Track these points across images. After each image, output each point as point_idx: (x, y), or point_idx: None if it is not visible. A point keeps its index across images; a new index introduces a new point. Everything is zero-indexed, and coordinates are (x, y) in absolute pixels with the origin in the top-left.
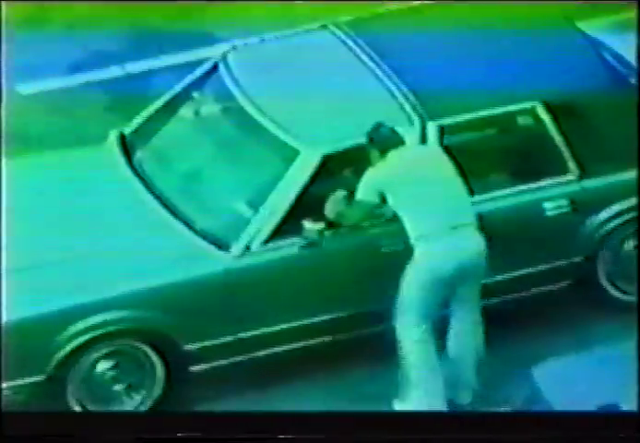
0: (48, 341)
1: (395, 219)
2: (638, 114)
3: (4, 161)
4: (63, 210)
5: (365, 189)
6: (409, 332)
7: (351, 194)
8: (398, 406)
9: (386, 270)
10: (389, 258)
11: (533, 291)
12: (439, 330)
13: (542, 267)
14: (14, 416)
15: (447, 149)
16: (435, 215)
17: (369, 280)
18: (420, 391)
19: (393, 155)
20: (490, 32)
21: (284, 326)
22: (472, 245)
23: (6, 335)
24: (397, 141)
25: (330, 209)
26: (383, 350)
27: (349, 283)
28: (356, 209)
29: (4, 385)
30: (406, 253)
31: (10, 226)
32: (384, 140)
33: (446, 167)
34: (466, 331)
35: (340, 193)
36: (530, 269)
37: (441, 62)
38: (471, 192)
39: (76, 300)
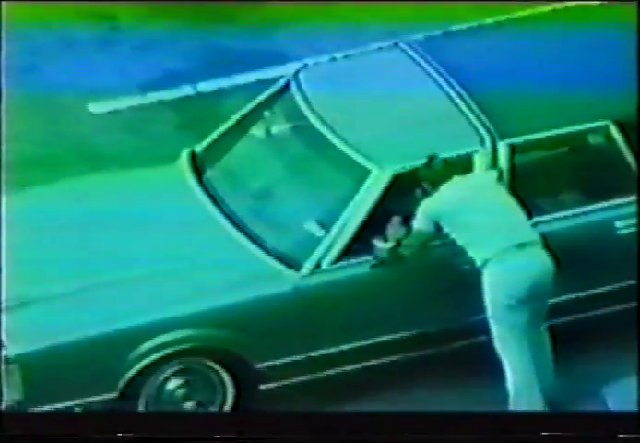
0: (120, 358)
1: None
2: (638, 115)
3: (73, 179)
4: (135, 228)
5: (421, 219)
6: (508, 345)
7: (406, 218)
8: None
9: (459, 288)
10: (462, 275)
11: (603, 310)
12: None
13: (612, 286)
14: (14, 416)
15: (518, 168)
16: (497, 238)
17: (440, 298)
18: (525, 399)
19: (446, 185)
20: (559, 51)
21: (354, 345)
22: (541, 262)
23: (80, 352)
24: (448, 174)
25: (390, 234)
26: (453, 369)
27: (420, 302)
28: (414, 238)
29: (76, 402)
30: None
31: (81, 243)
32: (435, 174)
33: (499, 192)
34: (544, 348)
35: (397, 219)
36: (601, 289)
37: (512, 81)
38: (539, 211)
39: (147, 318)
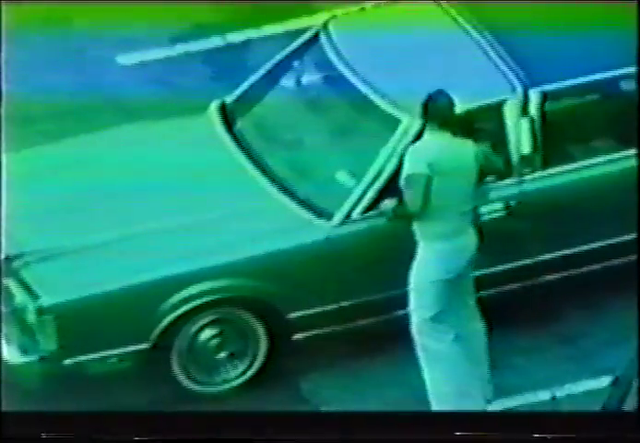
0: (152, 309)
1: None
2: (638, 114)
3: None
4: (166, 179)
5: (414, 163)
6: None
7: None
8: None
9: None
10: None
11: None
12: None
13: None
14: (14, 416)
15: (549, 116)
16: (449, 214)
17: None
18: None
19: (436, 136)
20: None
21: (385, 294)
22: (474, 240)
23: (113, 302)
24: (448, 114)
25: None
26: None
27: None
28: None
29: (111, 352)
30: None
31: (112, 194)
32: (437, 110)
33: (469, 160)
34: (478, 321)
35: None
36: (632, 235)
37: (544, 29)
38: (569, 158)
39: (180, 269)
